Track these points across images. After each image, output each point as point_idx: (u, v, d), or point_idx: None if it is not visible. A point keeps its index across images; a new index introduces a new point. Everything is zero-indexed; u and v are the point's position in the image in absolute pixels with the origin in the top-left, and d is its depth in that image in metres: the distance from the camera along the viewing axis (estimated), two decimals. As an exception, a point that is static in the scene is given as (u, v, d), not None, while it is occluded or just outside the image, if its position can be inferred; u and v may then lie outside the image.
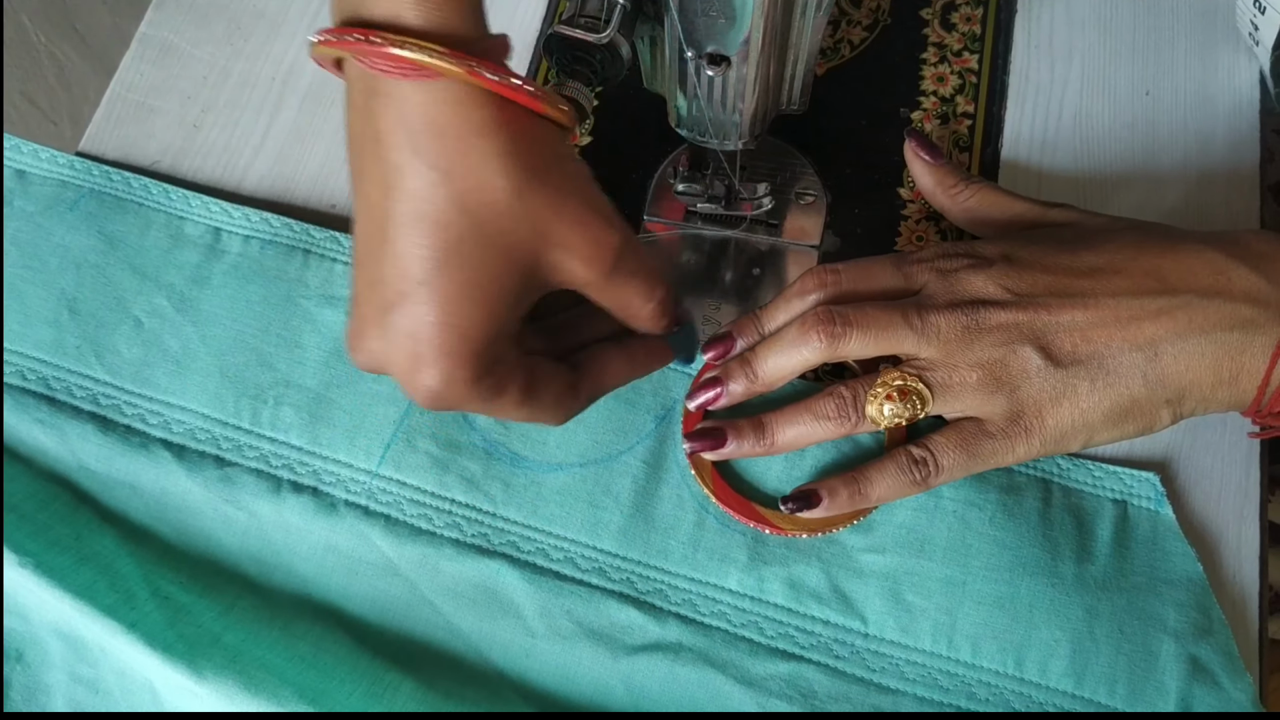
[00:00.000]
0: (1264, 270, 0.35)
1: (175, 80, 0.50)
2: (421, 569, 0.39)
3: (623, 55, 0.34)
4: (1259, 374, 0.34)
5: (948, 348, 0.35)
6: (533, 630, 0.38)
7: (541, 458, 0.40)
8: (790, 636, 0.37)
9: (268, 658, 0.37)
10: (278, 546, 0.40)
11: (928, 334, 0.35)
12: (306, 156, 0.48)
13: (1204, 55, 0.47)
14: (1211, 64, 0.47)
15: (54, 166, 0.46)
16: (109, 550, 0.39)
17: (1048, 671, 0.36)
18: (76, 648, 0.38)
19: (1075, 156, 0.46)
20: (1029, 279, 0.36)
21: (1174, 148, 0.45)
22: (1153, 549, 0.38)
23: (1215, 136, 0.45)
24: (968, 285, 0.36)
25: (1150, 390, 0.35)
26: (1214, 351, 0.34)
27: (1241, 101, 0.46)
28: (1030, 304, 0.35)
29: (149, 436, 0.41)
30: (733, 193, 0.44)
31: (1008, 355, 0.35)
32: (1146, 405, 0.35)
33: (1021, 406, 0.35)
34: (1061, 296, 0.35)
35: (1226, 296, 0.34)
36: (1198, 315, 0.34)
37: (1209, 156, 0.45)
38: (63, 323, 0.43)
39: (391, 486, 0.40)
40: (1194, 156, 0.45)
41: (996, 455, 0.36)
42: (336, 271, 0.44)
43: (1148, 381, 0.35)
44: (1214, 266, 0.35)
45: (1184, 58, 0.47)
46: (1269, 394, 0.34)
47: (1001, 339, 0.35)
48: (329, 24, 0.30)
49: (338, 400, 0.41)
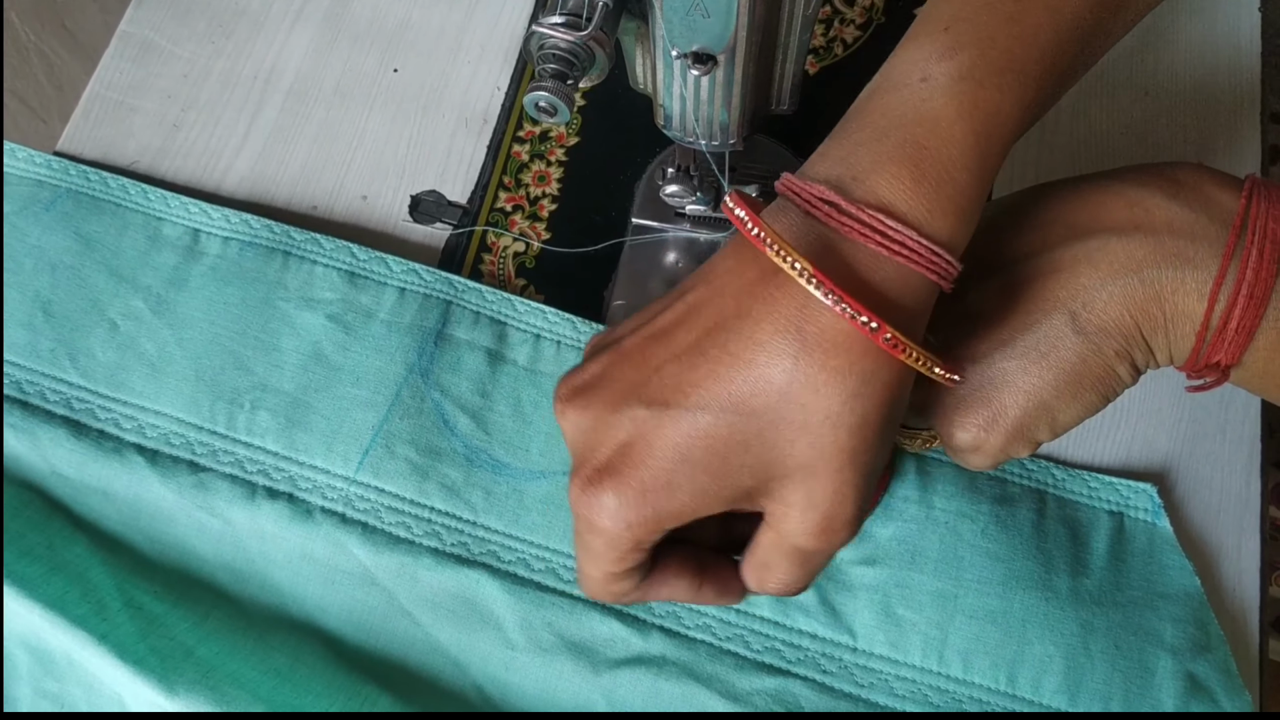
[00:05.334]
0: (1185, 199, 0.30)
1: (155, 79, 0.49)
2: (399, 579, 0.38)
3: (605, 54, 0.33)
4: (1197, 316, 0.29)
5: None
6: (513, 642, 0.37)
7: (524, 465, 0.39)
8: (777, 650, 0.37)
9: (242, 671, 0.36)
10: (253, 555, 0.39)
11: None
12: (288, 157, 0.47)
13: (1205, 56, 0.46)
14: (1212, 64, 0.46)
15: (31, 166, 0.46)
16: (81, 559, 0.38)
17: (1041, 688, 0.35)
18: (43, 660, 0.37)
19: (1073, 157, 0.45)
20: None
21: (1173, 149, 0.44)
22: (1149, 562, 0.37)
23: (1216, 138, 0.44)
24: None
25: (1092, 345, 0.30)
26: (1143, 293, 0.29)
27: (1243, 102, 0.45)
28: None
29: (122, 441, 0.40)
30: (721, 194, 0.43)
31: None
32: (1096, 364, 0.30)
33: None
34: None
35: (1147, 231, 0.30)
36: (1119, 255, 0.30)
37: (1210, 158, 0.44)
38: (37, 325, 0.42)
39: (369, 493, 0.39)
40: (1194, 158, 0.44)
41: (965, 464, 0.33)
42: (316, 274, 0.43)
43: (1086, 337, 0.30)
44: (1127, 199, 0.30)
45: (1184, 58, 0.46)
46: (1208, 340, 0.30)
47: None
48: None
49: (315, 405, 0.40)
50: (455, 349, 0.41)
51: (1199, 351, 0.30)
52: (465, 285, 0.43)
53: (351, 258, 0.43)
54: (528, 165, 0.47)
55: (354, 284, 0.43)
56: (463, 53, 0.49)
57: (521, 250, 0.45)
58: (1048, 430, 0.32)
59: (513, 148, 0.47)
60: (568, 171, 0.47)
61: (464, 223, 0.46)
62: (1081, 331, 0.30)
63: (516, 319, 0.42)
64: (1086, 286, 0.30)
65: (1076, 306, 0.30)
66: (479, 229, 0.46)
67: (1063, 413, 0.31)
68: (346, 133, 0.48)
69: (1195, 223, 0.29)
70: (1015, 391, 0.31)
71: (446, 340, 0.41)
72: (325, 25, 0.50)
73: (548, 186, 0.46)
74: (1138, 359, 0.31)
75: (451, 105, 0.48)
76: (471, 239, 0.45)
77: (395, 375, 0.41)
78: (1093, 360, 0.30)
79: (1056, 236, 0.31)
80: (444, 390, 0.41)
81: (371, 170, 0.47)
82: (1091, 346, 0.30)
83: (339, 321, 0.42)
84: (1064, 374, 0.31)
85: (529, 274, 0.45)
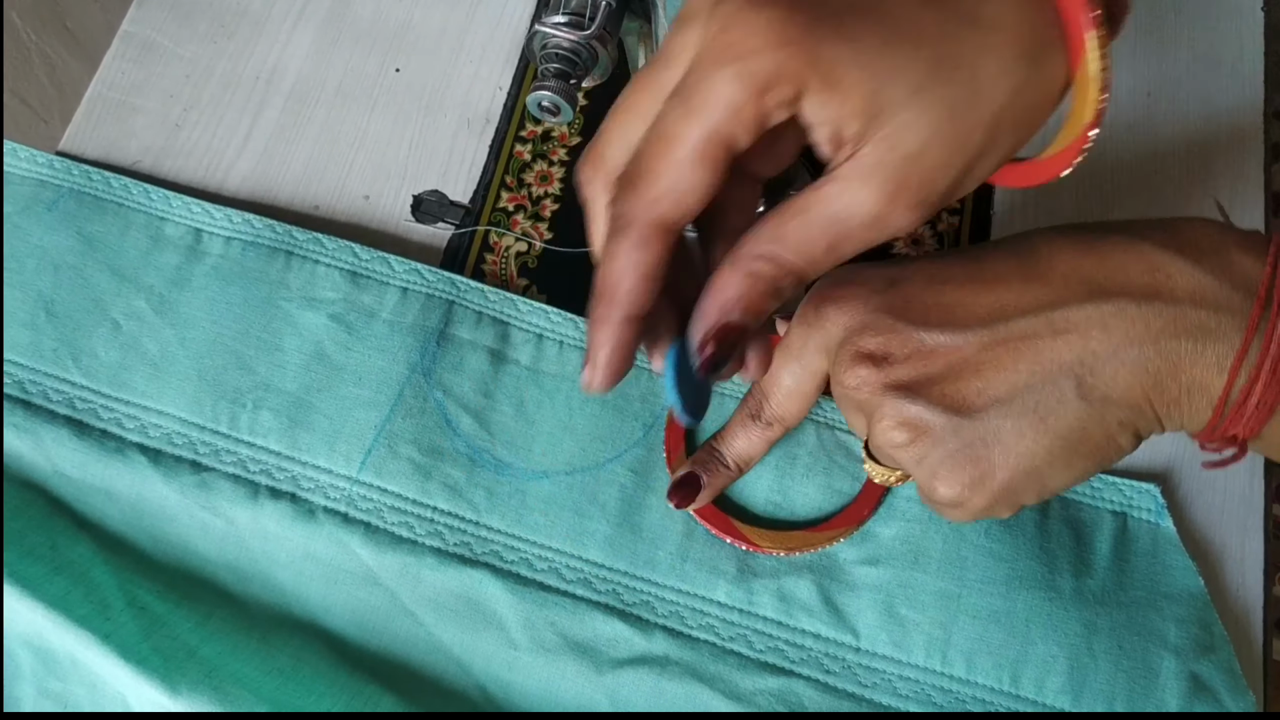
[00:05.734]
0: (1209, 266, 0.28)
1: (157, 79, 0.49)
2: (402, 578, 0.38)
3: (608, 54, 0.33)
4: (1215, 390, 0.28)
5: (853, 418, 0.33)
6: (515, 642, 0.37)
7: (527, 465, 0.39)
8: (780, 650, 0.37)
9: (245, 671, 0.36)
10: (255, 554, 0.39)
11: (839, 403, 0.33)
12: (290, 157, 0.47)
13: (1207, 55, 0.46)
14: (1214, 64, 0.46)
15: (33, 166, 0.46)
16: (84, 559, 0.38)
17: (1044, 688, 0.35)
18: (46, 660, 0.37)
19: (1075, 158, 0.45)
20: (904, 327, 0.31)
21: (1175, 150, 0.44)
22: (1153, 562, 0.37)
23: (1218, 139, 0.44)
24: (861, 347, 0.31)
25: (1095, 414, 0.29)
26: (1159, 365, 0.28)
27: (1245, 103, 0.45)
28: (912, 354, 0.30)
29: (125, 441, 0.40)
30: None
31: (907, 414, 0.30)
32: (1097, 433, 0.29)
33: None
34: (951, 329, 0.30)
35: (1168, 299, 0.28)
36: (1136, 323, 0.28)
37: (1212, 159, 0.44)
38: (39, 325, 0.42)
39: (372, 493, 0.39)
40: (1196, 159, 0.44)
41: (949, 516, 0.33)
42: (319, 274, 0.43)
43: (1090, 405, 0.29)
44: (1149, 263, 0.29)
45: (1186, 58, 0.46)
46: (1226, 414, 0.28)
47: (894, 405, 0.30)
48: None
49: (318, 404, 0.40)
50: (458, 349, 0.41)
51: (1215, 424, 0.28)
52: (468, 285, 0.43)
53: (354, 257, 0.43)
54: (530, 165, 0.47)
55: (356, 284, 0.43)
56: (464, 53, 0.49)
57: (524, 250, 0.45)
58: (1034, 496, 0.31)
59: (515, 148, 0.47)
60: (570, 171, 0.47)
61: (466, 223, 0.46)
62: (1086, 399, 0.29)
63: (519, 319, 0.42)
64: (1097, 353, 0.28)
65: (1084, 372, 0.28)
66: (481, 229, 0.46)
67: (1053, 479, 0.30)
68: (348, 133, 0.48)
69: (1218, 291, 0.28)
70: (1007, 453, 0.29)
71: (449, 340, 0.41)
72: (327, 26, 0.50)
73: (550, 186, 0.46)
74: (1142, 428, 0.29)
75: (453, 105, 0.48)
76: (474, 239, 0.45)
77: (398, 375, 0.41)
78: (1094, 429, 0.29)
79: (1070, 293, 0.29)
80: (446, 390, 0.41)
81: (373, 170, 0.47)
82: (1094, 415, 0.29)
83: (341, 321, 0.42)
84: (1061, 441, 0.29)
85: (531, 274, 0.45)
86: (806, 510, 0.38)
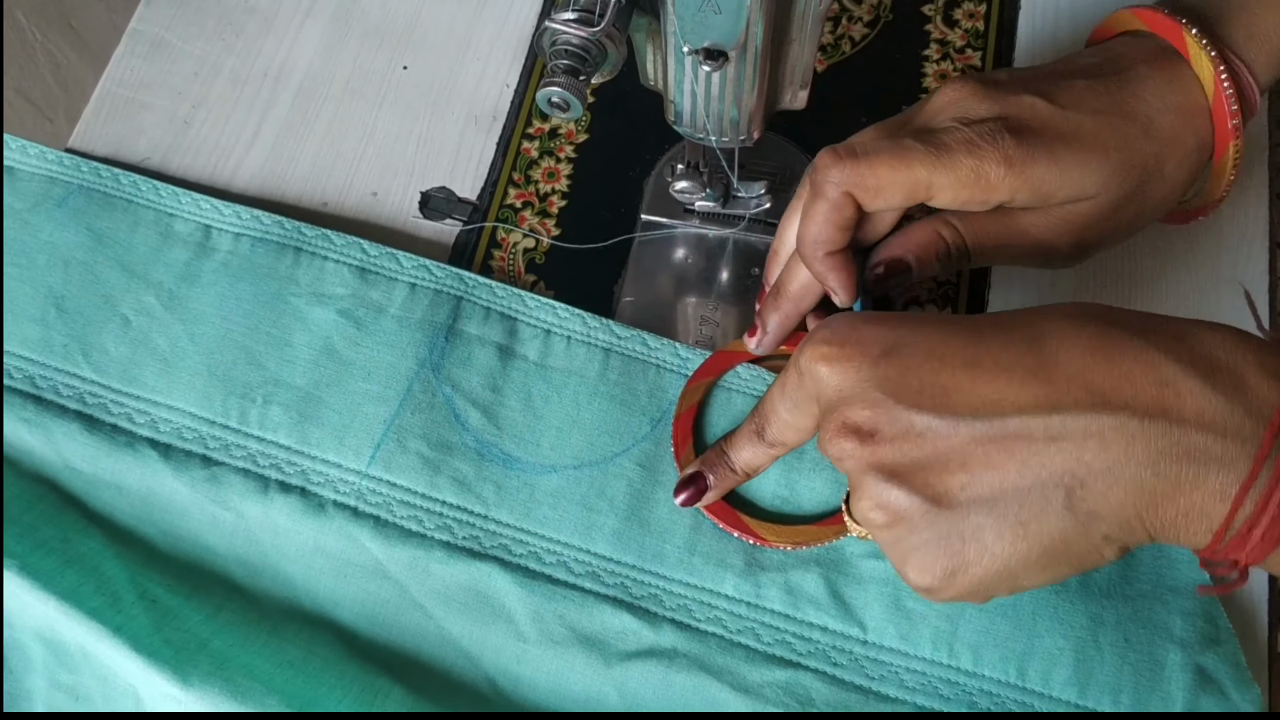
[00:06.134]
0: (1222, 385, 0.27)
1: (166, 76, 0.49)
2: (411, 572, 0.38)
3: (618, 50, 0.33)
4: (1215, 518, 0.27)
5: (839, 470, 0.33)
6: (524, 635, 0.37)
7: (535, 459, 0.40)
8: (787, 643, 0.37)
9: (255, 663, 0.36)
10: (265, 548, 0.39)
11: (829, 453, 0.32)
12: (298, 154, 0.47)
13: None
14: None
15: (43, 163, 0.46)
16: (96, 552, 0.38)
17: (1050, 681, 0.35)
18: (58, 653, 0.37)
19: (1080, 155, 0.45)
20: (894, 406, 0.29)
21: (1181, 146, 0.44)
22: (1159, 556, 0.37)
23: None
24: (849, 419, 0.30)
25: (1080, 527, 0.28)
26: (1156, 486, 0.27)
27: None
28: (899, 435, 0.29)
29: (135, 436, 0.40)
30: (731, 191, 0.43)
31: (887, 499, 0.30)
32: (1079, 545, 0.28)
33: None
34: (943, 415, 0.29)
35: (1174, 419, 0.27)
36: (1136, 441, 0.27)
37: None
38: (50, 320, 0.42)
39: (381, 487, 0.39)
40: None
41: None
42: (327, 269, 0.43)
43: (1076, 518, 0.28)
44: (1158, 376, 0.27)
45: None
46: (1226, 540, 0.27)
47: (875, 486, 0.30)
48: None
49: (327, 399, 0.41)
50: (466, 344, 0.42)
51: (1216, 548, 0.27)
52: (476, 281, 0.43)
53: (362, 254, 0.43)
54: (537, 162, 0.47)
55: (365, 280, 0.43)
56: (472, 50, 0.49)
57: (531, 246, 0.45)
58: (1007, 592, 0.30)
59: (522, 144, 0.47)
60: (577, 168, 0.47)
61: (474, 219, 0.46)
62: (1073, 511, 0.27)
63: (527, 314, 0.42)
64: (1091, 466, 0.27)
65: (1074, 484, 0.27)
66: (489, 225, 0.46)
67: (1027, 580, 0.29)
68: (356, 130, 0.48)
69: (1229, 416, 0.26)
70: (983, 552, 0.28)
71: (457, 335, 0.42)
72: (335, 23, 0.50)
73: (557, 183, 0.47)
74: (1131, 544, 0.28)
75: (461, 102, 0.48)
76: (481, 235, 0.46)
77: (406, 370, 0.41)
78: (1077, 542, 0.28)
79: (1071, 398, 0.28)
80: (455, 385, 0.41)
81: (382, 167, 0.47)
82: (1079, 529, 0.28)
83: (350, 317, 0.42)
84: (1040, 549, 0.28)
85: (539, 270, 0.45)
86: (813, 505, 0.39)
